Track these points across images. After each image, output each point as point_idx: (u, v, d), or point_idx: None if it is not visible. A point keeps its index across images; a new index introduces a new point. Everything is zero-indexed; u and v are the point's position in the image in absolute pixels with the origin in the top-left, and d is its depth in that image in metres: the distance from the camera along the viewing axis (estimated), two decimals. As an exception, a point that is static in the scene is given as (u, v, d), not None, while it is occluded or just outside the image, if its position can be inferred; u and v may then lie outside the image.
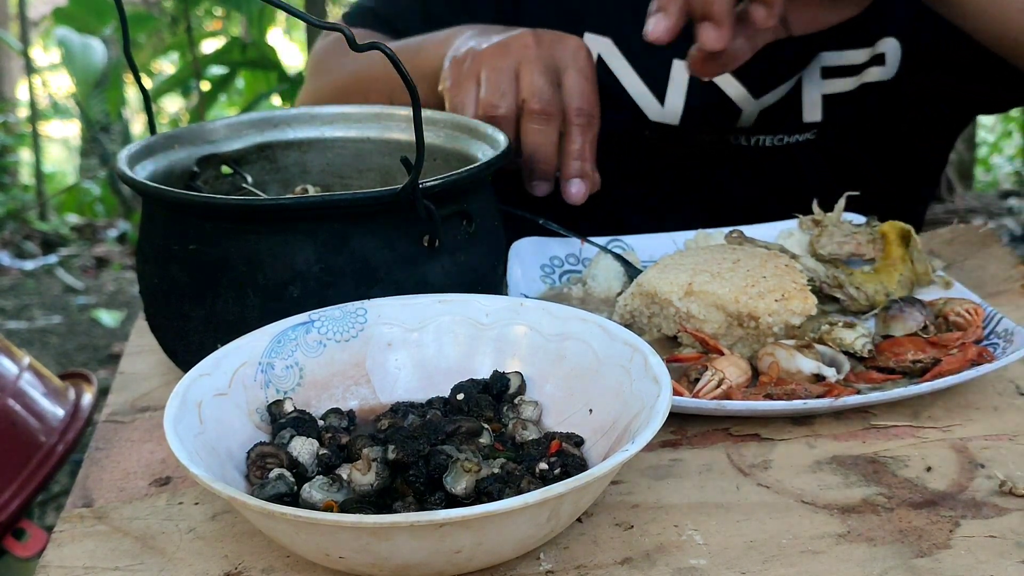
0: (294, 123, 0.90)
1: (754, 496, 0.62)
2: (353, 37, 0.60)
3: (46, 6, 5.82)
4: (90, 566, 0.58)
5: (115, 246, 4.51)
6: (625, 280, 0.86)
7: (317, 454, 0.60)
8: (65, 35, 4.05)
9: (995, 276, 0.88)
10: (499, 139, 0.79)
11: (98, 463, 0.68)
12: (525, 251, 0.89)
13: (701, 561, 0.56)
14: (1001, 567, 0.54)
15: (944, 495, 0.61)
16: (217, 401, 0.61)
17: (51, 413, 1.12)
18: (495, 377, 0.66)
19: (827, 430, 0.69)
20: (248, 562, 0.57)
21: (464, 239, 0.73)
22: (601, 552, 0.57)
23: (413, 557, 0.50)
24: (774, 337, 0.75)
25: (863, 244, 0.84)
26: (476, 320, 0.69)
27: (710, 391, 0.70)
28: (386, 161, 0.89)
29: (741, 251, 0.82)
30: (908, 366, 0.73)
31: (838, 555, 0.56)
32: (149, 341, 0.81)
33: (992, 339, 0.74)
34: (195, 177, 0.84)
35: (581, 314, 0.66)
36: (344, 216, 0.68)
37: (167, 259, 0.72)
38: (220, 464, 0.57)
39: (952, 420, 0.69)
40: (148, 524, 0.61)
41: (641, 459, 0.66)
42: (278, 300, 0.68)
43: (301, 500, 0.56)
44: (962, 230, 0.96)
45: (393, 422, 0.63)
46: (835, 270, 0.82)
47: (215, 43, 4.10)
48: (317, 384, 0.66)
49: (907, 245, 0.84)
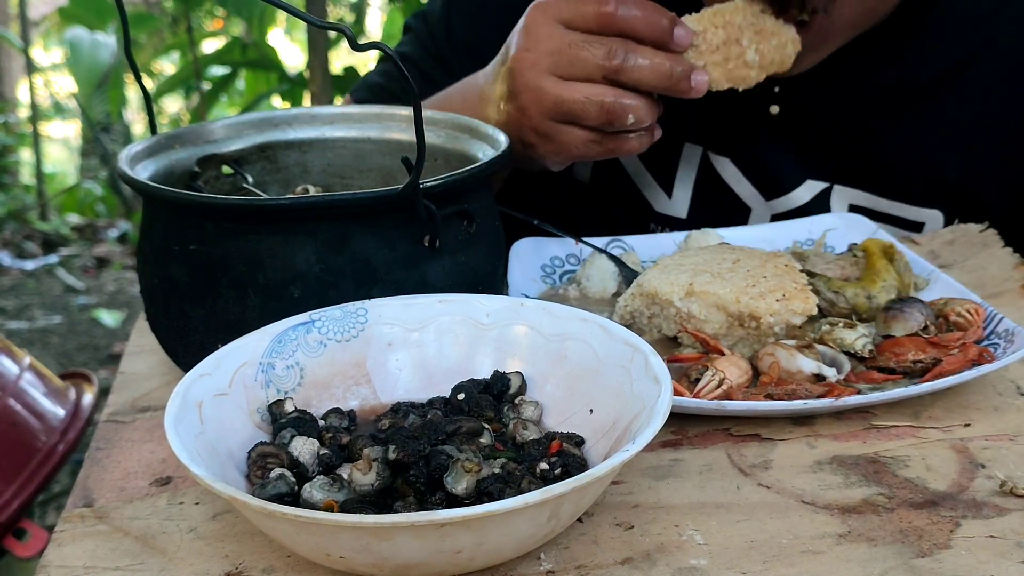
0: (295, 123, 0.90)
1: (755, 496, 0.62)
2: (354, 37, 0.60)
3: (46, 6, 5.83)
4: (91, 566, 0.58)
5: (116, 246, 4.51)
6: (620, 280, 0.86)
7: (318, 454, 0.60)
8: (75, 33, 4.06)
9: (995, 276, 0.88)
10: (499, 139, 0.79)
11: (99, 463, 0.68)
12: (525, 251, 0.89)
13: (701, 561, 0.56)
14: (1002, 567, 0.54)
15: (944, 495, 0.61)
16: (218, 401, 0.61)
17: (52, 413, 1.12)
18: (495, 377, 0.66)
19: (827, 430, 0.69)
20: (249, 562, 0.57)
21: (464, 239, 0.73)
22: (601, 552, 0.57)
23: (414, 557, 0.50)
24: (775, 337, 0.75)
25: (847, 267, 0.84)
26: (476, 320, 0.69)
27: (711, 391, 0.70)
28: (387, 161, 0.89)
29: (740, 251, 0.82)
30: (909, 366, 0.73)
31: (838, 555, 0.56)
32: (150, 341, 0.81)
33: (992, 339, 0.74)
34: (196, 177, 0.84)
35: (582, 314, 0.66)
36: (345, 216, 0.68)
37: (168, 259, 0.72)
38: (221, 464, 0.57)
39: (953, 420, 0.69)
40: (149, 524, 0.61)
41: (641, 459, 0.66)
42: (279, 300, 0.68)
43: (302, 500, 0.56)
44: (962, 230, 0.96)
45: (394, 422, 0.63)
46: (812, 278, 0.81)
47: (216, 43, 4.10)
48: (318, 384, 0.66)
49: (891, 260, 0.84)
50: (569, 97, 0.83)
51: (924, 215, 1.00)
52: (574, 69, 0.84)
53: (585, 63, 0.83)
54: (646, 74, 0.83)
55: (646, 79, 0.83)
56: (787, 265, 0.79)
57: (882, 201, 1.00)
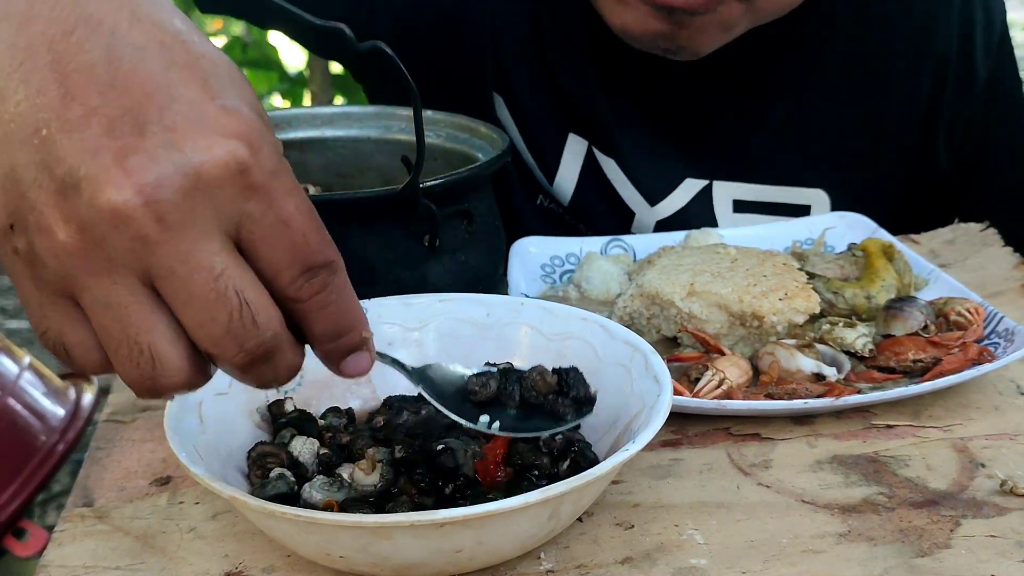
0: (295, 123, 0.90)
1: (755, 496, 0.62)
2: (353, 37, 0.59)
3: (46, 6, 5.82)
4: (91, 565, 0.58)
5: (116, 246, 4.51)
6: (623, 281, 0.86)
7: (318, 453, 0.60)
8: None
9: (995, 276, 0.88)
10: (500, 139, 0.79)
11: (99, 462, 0.68)
12: (525, 251, 0.89)
13: (701, 561, 0.56)
14: (1002, 566, 0.54)
15: (945, 494, 0.61)
16: (218, 401, 0.60)
17: (52, 412, 1.12)
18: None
19: (828, 429, 0.69)
20: (249, 561, 0.57)
21: (464, 239, 0.73)
22: (602, 551, 0.57)
23: (414, 556, 0.50)
24: (776, 336, 0.75)
25: (847, 267, 0.84)
26: (477, 320, 0.69)
27: (711, 391, 0.70)
28: (387, 161, 0.89)
29: (737, 250, 0.82)
30: (909, 365, 0.73)
31: (839, 554, 0.56)
32: (150, 341, 0.81)
33: (993, 338, 0.74)
34: (196, 177, 0.84)
35: (582, 313, 0.66)
36: (345, 215, 0.68)
37: (168, 259, 0.72)
38: (221, 464, 0.57)
39: (953, 419, 0.69)
40: (149, 524, 0.61)
41: (642, 458, 0.66)
42: (279, 300, 0.68)
43: (302, 500, 0.56)
44: (963, 230, 0.96)
45: (389, 419, 0.63)
46: (811, 278, 0.81)
47: (216, 43, 4.10)
48: (317, 383, 0.66)
49: (891, 259, 0.84)
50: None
51: (808, 196, 1.01)
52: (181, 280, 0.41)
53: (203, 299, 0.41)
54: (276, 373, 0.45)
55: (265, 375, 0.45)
56: (785, 264, 0.79)
57: (764, 189, 1.00)
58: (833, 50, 0.98)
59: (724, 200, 1.01)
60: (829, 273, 0.83)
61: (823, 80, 0.99)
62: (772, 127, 0.99)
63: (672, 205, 1.01)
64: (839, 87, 0.99)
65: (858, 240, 0.88)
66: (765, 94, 0.99)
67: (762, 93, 0.99)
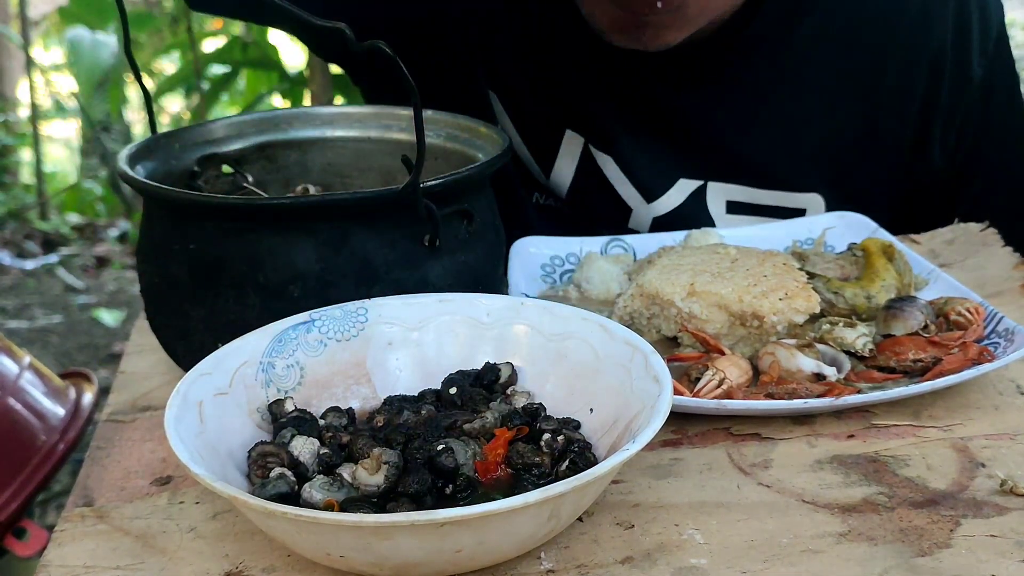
0: (295, 123, 0.90)
1: (755, 495, 0.62)
2: (353, 37, 0.60)
3: (47, 5, 5.82)
4: (91, 565, 0.58)
5: (116, 245, 4.51)
6: (623, 281, 0.86)
7: (318, 453, 0.60)
8: (76, 33, 4.06)
9: (995, 276, 0.88)
10: (499, 139, 0.79)
11: (99, 462, 0.68)
12: (525, 251, 0.89)
13: (702, 560, 0.56)
14: (1002, 566, 0.54)
15: (945, 494, 0.61)
16: (218, 400, 0.61)
17: (52, 412, 1.12)
18: (486, 368, 0.66)
19: (828, 429, 0.69)
20: (249, 561, 0.57)
21: (464, 239, 0.73)
22: (602, 551, 0.57)
23: (414, 556, 0.50)
24: (776, 336, 0.75)
25: (847, 267, 0.84)
26: (477, 319, 0.69)
27: (711, 390, 0.70)
28: (387, 161, 0.89)
29: (737, 250, 0.82)
30: (909, 365, 0.73)
31: (839, 554, 0.56)
32: (150, 340, 0.81)
33: (993, 338, 0.74)
34: (195, 177, 0.84)
35: (582, 313, 0.67)
36: (345, 216, 0.68)
37: (167, 258, 0.72)
38: (221, 463, 0.57)
39: (953, 419, 0.69)
40: (149, 523, 0.61)
41: (642, 458, 0.66)
42: (279, 299, 0.68)
43: (302, 499, 0.56)
44: (962, 230, 0.96)
45: (389, 418, 0.63)
46: (811, 279, 0.81)
47: (216, 42, 4.09)
48: (318, 383, 0.66)
49: (891, 259, 0.84)
50: None
51: (803, 200, 1.00)
52: None
53: None
54: None
55: None
56: (785, 264, 0.79)
57: (759, 192, 1.00)
58: (827, 50, 0.98)
59: (718, 201, 1.01)
60: (829, 273, 0.83)
61: (817, 80, 0.99)
62: (765, 127, 0.99)
63: (668, 203, 1.01)
64: (833, 87, 0.99)
65: (858, 240, 0.88)
66: (758, 94, 0.99)
67: (755, 93, 0.99)
